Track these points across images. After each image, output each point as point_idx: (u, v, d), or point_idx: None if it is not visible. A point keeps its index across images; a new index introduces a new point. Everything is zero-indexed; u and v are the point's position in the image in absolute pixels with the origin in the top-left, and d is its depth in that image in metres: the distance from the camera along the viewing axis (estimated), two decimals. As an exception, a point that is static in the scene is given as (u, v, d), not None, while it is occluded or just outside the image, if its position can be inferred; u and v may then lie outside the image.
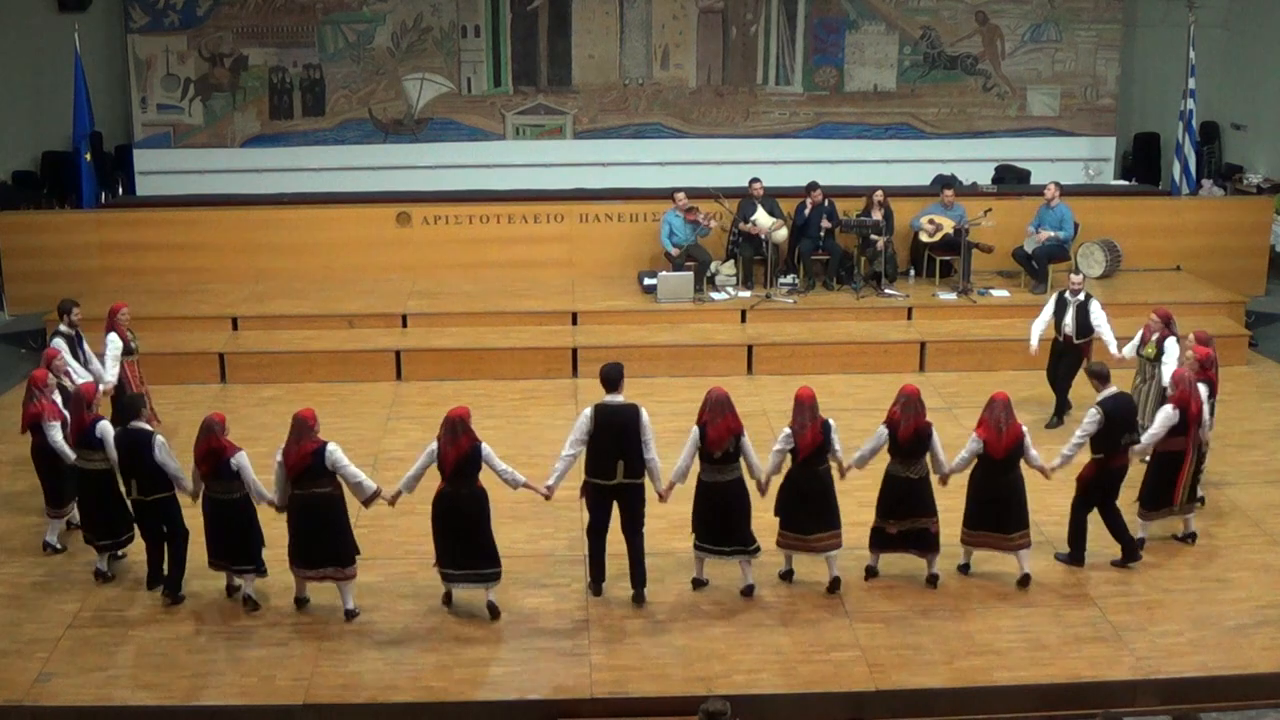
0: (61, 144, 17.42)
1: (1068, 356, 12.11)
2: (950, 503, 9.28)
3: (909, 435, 8.92)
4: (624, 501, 8.89)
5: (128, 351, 11.34)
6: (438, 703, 8.09)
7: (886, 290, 14.62)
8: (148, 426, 9.02)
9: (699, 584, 9.18)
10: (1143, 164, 19.55)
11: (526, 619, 8.85)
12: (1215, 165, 19.04)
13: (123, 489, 9.13)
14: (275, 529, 8.92)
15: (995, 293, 14.73)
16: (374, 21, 18.56)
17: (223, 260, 15.12)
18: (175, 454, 9.04)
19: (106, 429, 9.07)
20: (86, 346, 11.28)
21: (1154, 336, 11.17)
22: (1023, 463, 9.15)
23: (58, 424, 9.42)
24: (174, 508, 9.00)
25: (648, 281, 14.72)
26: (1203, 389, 9.75)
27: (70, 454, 9.29)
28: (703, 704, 6.93)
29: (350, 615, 8.79)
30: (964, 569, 9.38)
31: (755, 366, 13.68)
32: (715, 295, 14.58)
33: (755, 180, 14.89)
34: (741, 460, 8.92)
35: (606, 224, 15.47)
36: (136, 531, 9.26)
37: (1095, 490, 9.40)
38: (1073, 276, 12.24)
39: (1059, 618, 8.87)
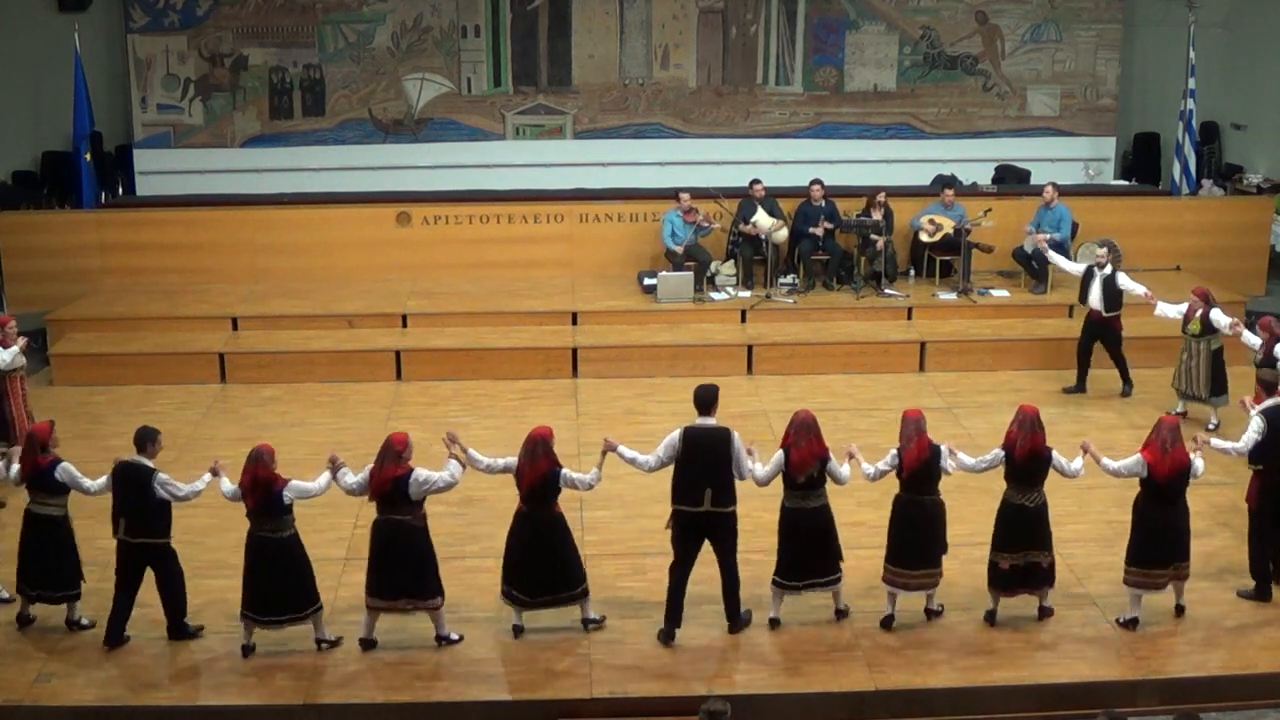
0: (61, 144, 17.41)
1: (1102, 332, 12.64)
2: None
3: (1025, 457, 8.48)
4: (714, 533, 8.50)
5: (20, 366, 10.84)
6: (438, 703, 8.09)
7: (886, 290, 14.62)
8: (149, 463, 8.40)
9: (776, 623, 8.74)
10: (1143, 164, 19.54)
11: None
12: (1215, 165, 19.03)
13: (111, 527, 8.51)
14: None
15: (995, 293, 14.73)
16: (374, 21, 18.55)
17: (223, 260, 15.11)
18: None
19: (70, 470, 8.51)
20: None
21: (1197, 314, 11.79)
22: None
23: None
24: (166, 554, 8.45)
25: (648, 281, 14.72)
26: None
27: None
28: (703, 704, 6.91)
29: (442, 640, 8.50)
30: (1132, 623, 8.78)
31: (755, 366, 13.67)
32: (715, 295, 14.58)
33: (756, 181, 14.89)
34: (827, 486, 8.54)
35: (606, 224, 15.47)
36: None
37: (1266, 507, 9.05)
38: (1098, 250, 12.74)
39: (1059, 618, 8.86)
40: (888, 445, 8.83)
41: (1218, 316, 11.75)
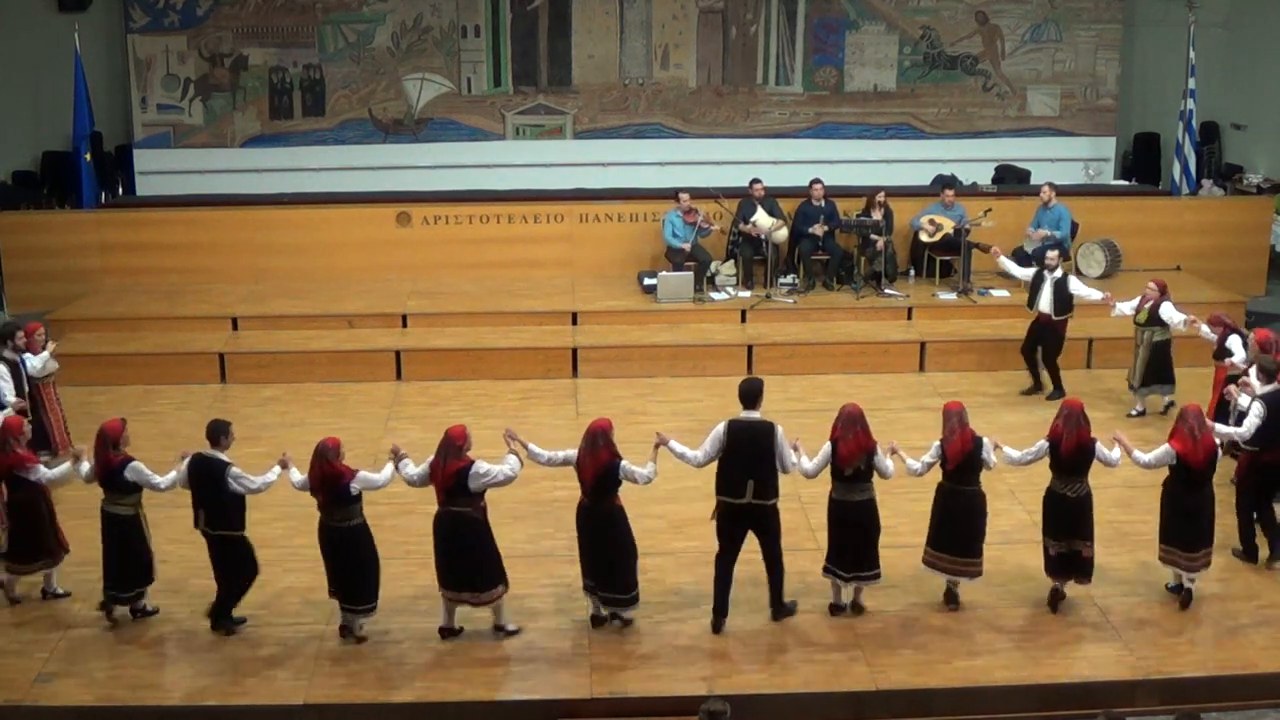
0: (61, 144, 17.41)
1: (1048, 335, 12.62)
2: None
3: (1071, 450, 8.63)
4: (757, 525, 8.62)
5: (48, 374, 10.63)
6: (438, 703, 8.09)
7: (886, 290, 14.62)
8: (223, 456, 8.51)
9: (838, 609, 8.90)
10: (1143, 164, 19.54)
11: (527, 619, 8.84)
12: (1215, 165, 19.04)
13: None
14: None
15: (995, 293, 14.72)
16: (374, 21, 18.55)
17: (223, 260, 15.11)
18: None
19: (139, 468, 8.53)
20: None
21: (1148, 305, 11.94)
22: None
23: (40, 466, 8.88)
24: (242, 547, 8.59)
25: (648, 281, 14.72)
26: None
27: (56, 473, 8.90)
28: (703, 704, 6.93)
29: (500, 631, 8.62)
30: (1177, 590, 9.08)
31: (755, 366, 13.65)
32: (715, 295, 14.58)
33: (756, 181, 14.90)
34: (874, 479, 8.65)
35: (606, 224, 15.47)
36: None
37: (1254, 484, 9.49)
38: (1050, 252, 12.74)
39: (1059, 618, 8.87)
40: (885, 445, 8.86)
41: (1168, 311, 11.86)
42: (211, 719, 8.04)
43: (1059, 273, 12.48)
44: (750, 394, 8.62)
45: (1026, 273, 13.01)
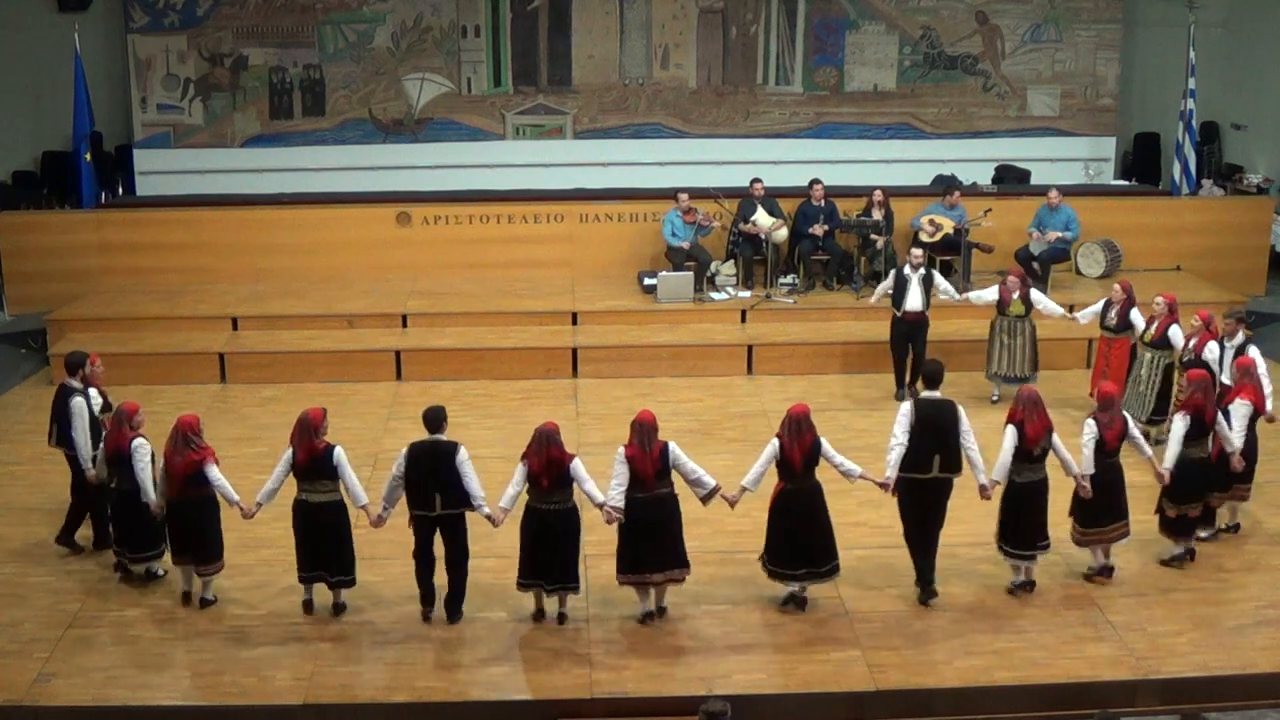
0: (61, 144, 17.41)
1: (917, 331, 12.70)
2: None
3: (1213, 418, 9.43)
4: (937, 500, 9.00)
5: (105, 408, 9.83)
6: (438, 703, 8.09)
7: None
8: (446, 438, 8.69)
9: (1021, 586, 9.20)
10: (1143, 164, 19.53)
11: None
12: (1215, 165, 19.03)
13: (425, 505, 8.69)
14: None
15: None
16: (374, 21, 18.55)
17: (223, 260, 15.12)
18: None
19: (342, 456, 8.64)
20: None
21: (1015, 295, 12.28)
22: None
23: (215, 465, 8.83)
24: (463, 524, 8.74)
25: (648, 281, 14.73)
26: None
27: (233, 495, 8.76)
28: (703, 704, 6.93)
29: (654, 613, 8.83)
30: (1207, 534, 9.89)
31: (755, 366, 13.68)
32: (715, 295, 14.58)
33: (756, 180, 14.90)
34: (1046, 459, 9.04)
35: (606, 224, 15.48)
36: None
37: None
38: (913, 250, 12.89)
39: (1059, 618, 8.88)
40: (886, 445, 8.90)
41: (1039, 296, 12.36)
42: (211, 719, 8.04)
43: (922, 270, 12.58)
44: (933, 375, 9.17)
45: (885, 284, 12.88)
